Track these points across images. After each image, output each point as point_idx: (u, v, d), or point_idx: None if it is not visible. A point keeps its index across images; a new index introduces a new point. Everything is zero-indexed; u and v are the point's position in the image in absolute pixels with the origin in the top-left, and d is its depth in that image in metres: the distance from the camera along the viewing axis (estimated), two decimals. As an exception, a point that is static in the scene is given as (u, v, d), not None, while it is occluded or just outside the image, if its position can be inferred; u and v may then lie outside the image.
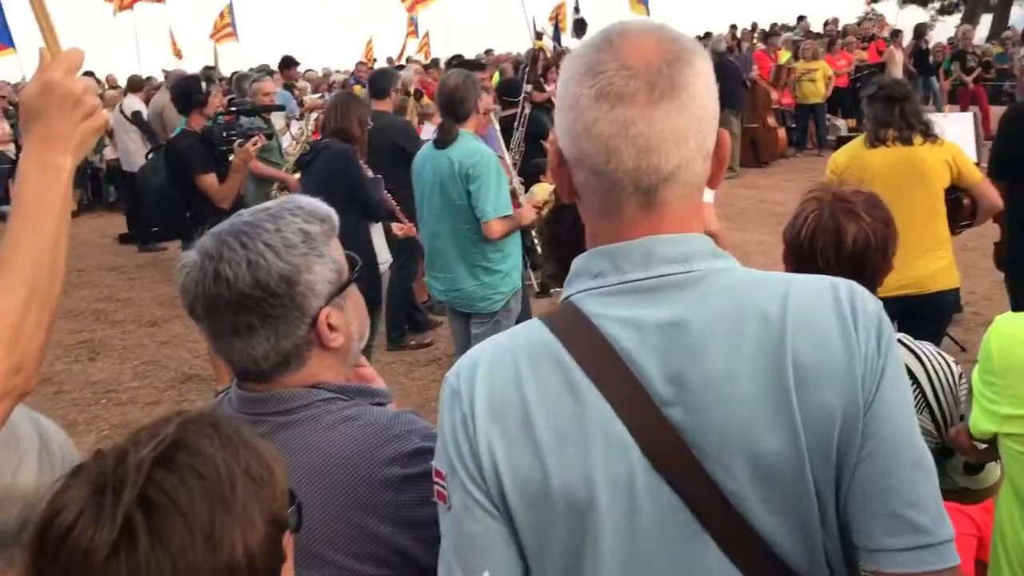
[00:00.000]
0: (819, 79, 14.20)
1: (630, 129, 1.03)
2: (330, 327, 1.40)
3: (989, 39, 21.98)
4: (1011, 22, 28.88)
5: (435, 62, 17.14)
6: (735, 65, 13.62)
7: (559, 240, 2.11)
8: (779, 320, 1.03)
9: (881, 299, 3.54)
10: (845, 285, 1.09)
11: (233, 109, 6.20)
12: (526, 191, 6.22)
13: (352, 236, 4.61)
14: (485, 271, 4.41)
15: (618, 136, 1.03)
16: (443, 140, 4.36)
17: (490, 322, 4.48)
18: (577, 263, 1.14)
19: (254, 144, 5.35)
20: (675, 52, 1.06)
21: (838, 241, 2.05)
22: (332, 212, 1.46)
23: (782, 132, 14.40)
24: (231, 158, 5.29)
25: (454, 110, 4.36)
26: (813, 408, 1.02)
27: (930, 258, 3.86)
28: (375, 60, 20.57)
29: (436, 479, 1.13)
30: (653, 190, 1.06)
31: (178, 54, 19.62)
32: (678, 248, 1.08)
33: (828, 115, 14.68)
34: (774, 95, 14.22)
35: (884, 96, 3.89)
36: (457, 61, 9.85)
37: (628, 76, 1.03)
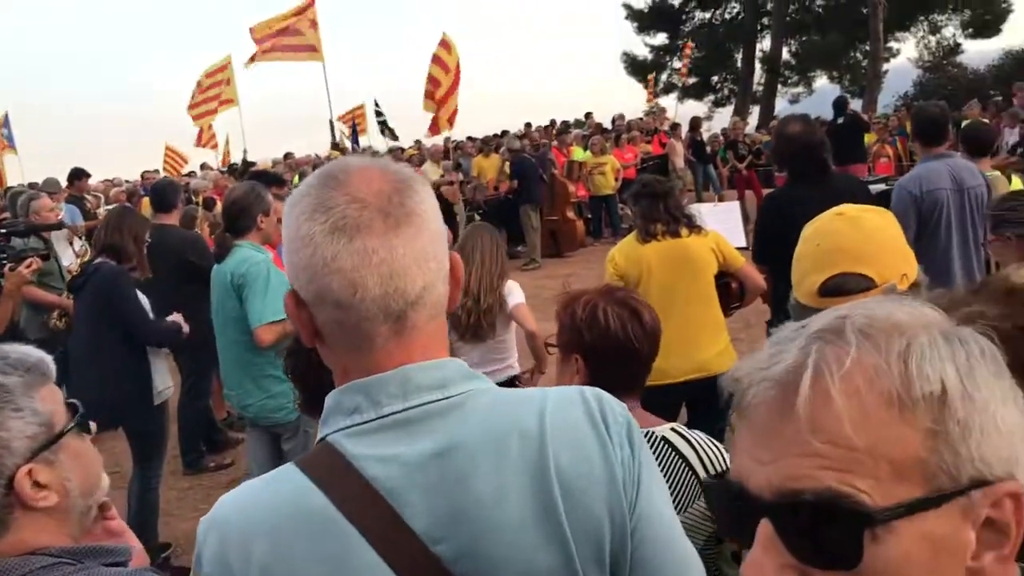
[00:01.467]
0: (608, 172, 15.01)
1: (372, 258, 1.03)
2: (38, 485, 1.29)
3: (758, 128, 23.91)
4: (776, 112, 31.76)
5: (232, 168, 16.80)
6: (531, 161, 14.15)
7: (299, 373, 2.17)
8: (538, 434, 1.04)
9: (671, 385, 3.69)
10: (592, 392, 1.11)
11: (3, 230, 5.79)
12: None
13: (125, 364, 4.40)
14: (272, 380, 4.18)
15: (361, 266, 1.03)
16: (219, 254, 4.30)
17: (298, 434, 4.26)
18: (331, 400, 1.10)
19: (28, 267, 5.00)
20: (401, 180, 1.08)
21: (641, 321, 2.15)
22: (44, 358, 1.36)
23: (580, 224, 15.03)
24: (2, 282, 4.93)
25: (233, 223, 4.31)
26: (581, 517, 1.02)
27: (710, 341, 4.05)
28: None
29: None
30: (403, 315, 1.05)
31: None
32: (434, 374, 1.07)
33: (620, 204, 15.45)
34: (571, 188, 14.86)
35: (648, 194, 4.10)
36: (253, 172, 9.69)
37: (361, 208, 1.04)
